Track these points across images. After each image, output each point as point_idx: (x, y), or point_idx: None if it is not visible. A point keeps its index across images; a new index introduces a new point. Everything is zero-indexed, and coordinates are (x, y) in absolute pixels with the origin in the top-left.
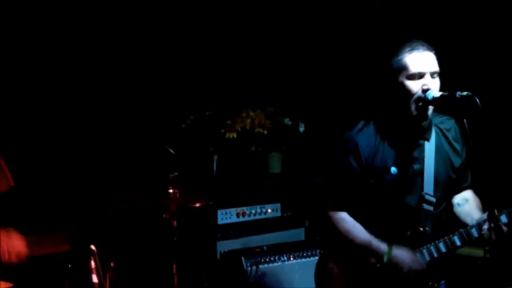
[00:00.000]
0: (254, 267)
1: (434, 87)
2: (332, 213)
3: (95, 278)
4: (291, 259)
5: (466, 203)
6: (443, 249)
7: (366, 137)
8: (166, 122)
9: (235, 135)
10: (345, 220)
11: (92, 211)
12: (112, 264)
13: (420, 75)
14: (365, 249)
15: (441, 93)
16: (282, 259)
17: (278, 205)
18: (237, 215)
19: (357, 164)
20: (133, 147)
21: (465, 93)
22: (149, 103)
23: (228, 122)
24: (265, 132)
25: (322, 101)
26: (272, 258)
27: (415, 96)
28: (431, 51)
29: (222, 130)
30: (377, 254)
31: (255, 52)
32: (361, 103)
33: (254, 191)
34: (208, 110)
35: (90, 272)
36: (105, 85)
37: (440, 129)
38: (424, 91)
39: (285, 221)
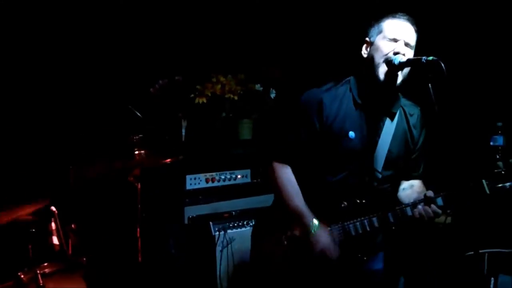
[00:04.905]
0: (222, 232)
1: (405, 54)
2: (277, 164)
3: (55, 240)
4: None
5: (410, 189)
6: (376, 224)
7: (333, 96)
8: (134, 85)
9: (204, 100)
10: (287, 175)
11: (53, 172)
12: (73, 226)
13: (395, 41)
14: (294, 212)
15: (407, 57)
16: (251, 224)
17: (248, 171)
18: (206, 181)
19: (317, 120)
20: (99, 109)
21: (430, 58)
22: (117, 66)
23: (198, 87)
24: (236, 98)
25: (294, 67)
26: (240, 223)
27: (385, 57)
28: (413, 25)
29: (192, 95)
30: (304, 223)
31: (226, 17)
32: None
33: (224, 157)
34: (178, 75)
35: (50, 234)
36: (75, 48)
37: (405, 112)
38: (395, 53)
39: (254, 187)
